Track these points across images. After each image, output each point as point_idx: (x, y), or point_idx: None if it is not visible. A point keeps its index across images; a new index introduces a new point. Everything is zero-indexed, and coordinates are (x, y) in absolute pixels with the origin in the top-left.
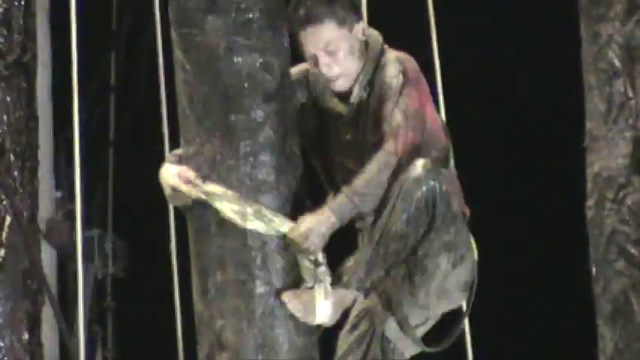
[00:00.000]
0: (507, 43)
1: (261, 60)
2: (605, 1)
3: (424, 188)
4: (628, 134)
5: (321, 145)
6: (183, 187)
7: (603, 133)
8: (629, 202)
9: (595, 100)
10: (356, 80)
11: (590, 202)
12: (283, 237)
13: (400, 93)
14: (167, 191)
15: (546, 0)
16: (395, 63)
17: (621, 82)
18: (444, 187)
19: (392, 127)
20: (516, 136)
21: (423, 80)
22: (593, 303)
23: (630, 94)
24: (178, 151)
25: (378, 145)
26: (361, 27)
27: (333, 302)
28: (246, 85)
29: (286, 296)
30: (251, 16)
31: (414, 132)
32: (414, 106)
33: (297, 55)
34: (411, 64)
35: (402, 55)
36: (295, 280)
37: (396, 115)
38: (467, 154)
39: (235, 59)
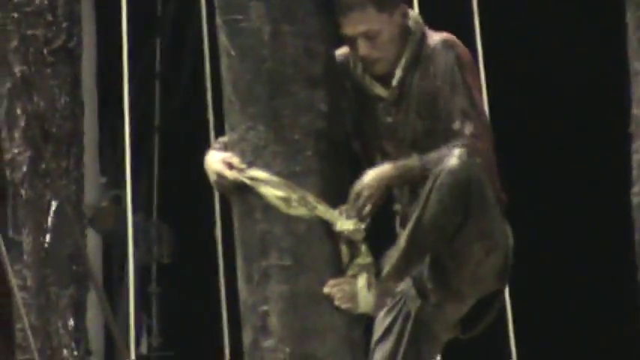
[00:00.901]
0: (553, 30)
1: (305, 46)
2: None
3: (459, 179)
4: None
5: (362, 129)
6: (228, 173)
7: None
8: None
9: None
10: (397, 63)
11: (636, 189)
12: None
13: (464, 84)
14: (212, 177)
15: None
16: (446, 48)
17: None
18: (479, 177)
19: (468, 125)
20: (562, 123)
21: (473, 62)
22: (638, 287)
23: None
24: (223, 139)
25: (431, 135)
26: (401, 11)
27: (376, 293)
28: (290, 71)
29: (329, 285)
30: (295, 2)
31: (485, 124)
32: (479, 97)
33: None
34: (462, 47)
35: (449, 37)
36: (339, 268)
37: (468, 112)
38: (513, 140)
39: (280, 45)
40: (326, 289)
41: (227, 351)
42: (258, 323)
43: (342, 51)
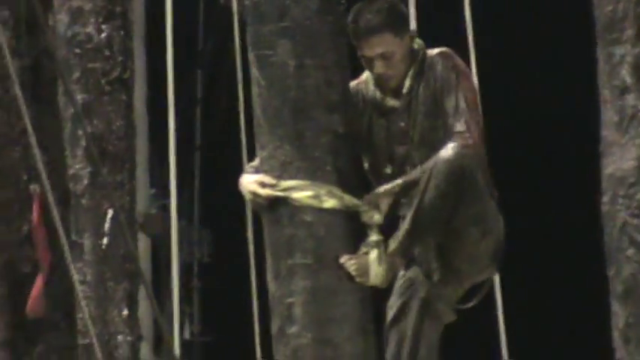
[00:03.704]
0: (535, 64)
1: (325, 76)
2: (618, 27)
3: (453, 167)
4: (638, 141)
5: (372, 142)
6: (262, 191)
7: (617, 140)
8: (638, 198)
9: (609, 112)
10: (405, 75)
11: (605, 199)
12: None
13: (459, 86)
14: (248, 197)
15: (567, 27)
16: (444, 58)
17: (632, 96)
18: (471, 166)
19: (461, 121)
20: (542, 143)
21: (469, 71)
22: (607, 284)
23: None
24: (254, 163)
25: (434, 130)
26: (410, 35)
27: (387, 267)
28: (312, 98)
29: (344, 259)
30: (317, 39)
31: (478, 121)
32: (474, 98)
33: (355, 69)
34: (457, 57)
35: (446, 49)
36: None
37: (461, 110)
38: (502, 155)
39: (303, 76)
40: (342, 260)
41: (257, 336)
42: (284, 313)
43: (355, 82)
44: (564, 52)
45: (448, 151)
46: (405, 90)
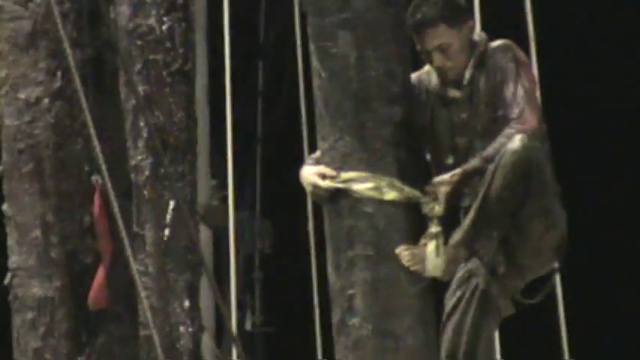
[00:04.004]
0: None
1: (385, 68)
2: None
3: (521, 158)
4: None
5: (434, 133)
6: (322, 183)
7: None
8: None
9: None
10: (466, 66)
11: None
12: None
13: (518, 76)
14: (308, 188)
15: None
16: (504, 50)
17: None
18: (539, 158)
19: (519, 109)
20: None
21: (529, 63)
22: None
23: None
24: (315, 155)
25: (495, 121)
26: (469, 26)
27: (446, 259)
28: (373, 89)
29: (400, 248)
30: (378, 31)
31: (537, 109)
32: (533, 88)
33: (416, 61)
34: (517, 49)
35: (507, 41)
36: None
37: (519, 98)
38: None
39: (364, 68)
40: (397, 251)
41: (318, 327)
42: (345, 304)
43: (417, 73)
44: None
45: (516, 142)
46: (465, 81)
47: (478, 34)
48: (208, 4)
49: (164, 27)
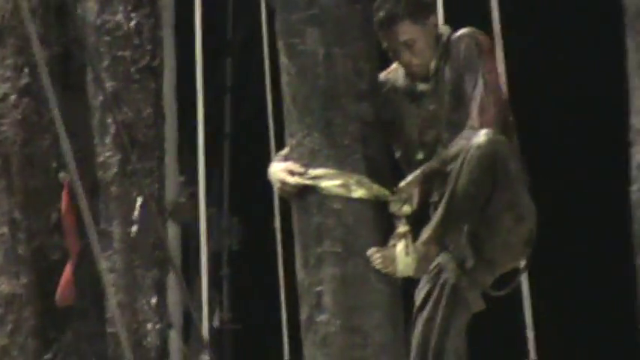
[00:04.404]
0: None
1: (354, 65)
2: None
3: (486, 152)
4: None
5: (403, 129)
6: (290, 179)
7: None
8: None
9: (639, 100)
10: (431, 59)
11: (634, 187)
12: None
13: (479, 65)
14: (276, 185)
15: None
16: (468, 36)
17: None
18: (504, 152)
19: (477, 104)
20: (572, 132)
21: (494, 53)
22: (635, 273)
23: None
24: (283, 152)
25: (458, 110)
26: (433, 22)
27: (416, 257)
28: (341, 86)
29: (371, 251)
30: (345, 27)
31: (495, 105)
32: (494, 81)
33: (385, 59)
34: (481, 35)
35: (470, 28)
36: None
37: (478, 91)
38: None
39: (332, 64)
40: (368, 253)
41: (285, 324)
42: (313, 301)
43: (385, 72)
44: (594, 41)
45: (480, 137)
46: (431, 72)
47: (442, 27)
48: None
49: (132, 23)
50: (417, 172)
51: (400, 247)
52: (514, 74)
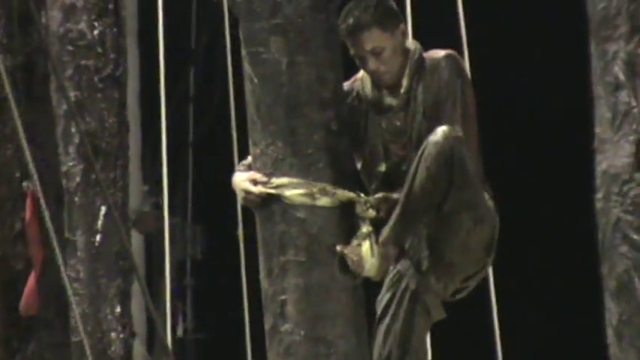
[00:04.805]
0: (528, 61)
1: (317, 74)
2: (611, 24)
3: (443, 149)
4: (631, 137)
5: (367, 139)
6: (254, 189)
7: (610, 136)
8: (631, 194)
9: (603, 109)
10: (402, 75)
11: (598, 195)
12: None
13: (462, 95)
14: (240, 195)
15: (560, 24)
16: (451, 62)
17: (625, 93)
18: (460, 149)
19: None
20: (536, 140)
21: (468, 76)
22: (600, 281)
23: (633, 103)
24: (246, 161)
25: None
26: (401, 30)
27: (379, 257)
28: (304, 95)
29: (340, 248)
30: (309, 36)
31: (472, 132)
32: (473, 110)
33: (349, 68)
34: (462, 62)
35: (452, 52)
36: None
37: (457, 118)
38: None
39: (295, 73)
40: (338, 249)
41: (248, 333)
42: (277, 310)
43: (350, 80)
44: (558, 49)
45: (437, 134)
46: (403, 89)
47: (411, 42)
48: (139, 9)
49: (95, 32)
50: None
51: (366, 246)
52: (478, 82)
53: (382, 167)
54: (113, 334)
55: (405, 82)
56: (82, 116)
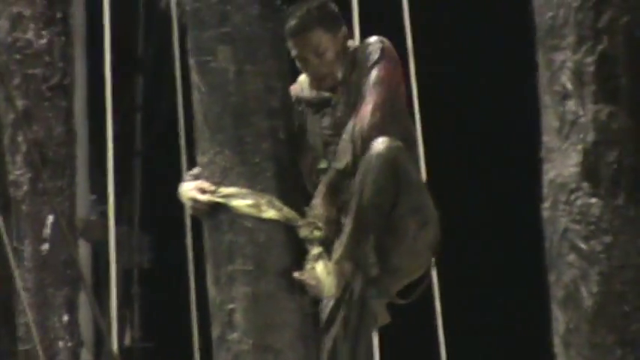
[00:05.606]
0: (476, 70)
1: (265, 83)
2: (559, 34)
3: (387, 160)
4: (579, 147)
5: (308, 140)
6: (202, 197)
7: (557, 145)
8: (579, 203)
9: (550, 118)
10: (339, 70)
11: (546, 204)
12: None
13: (375, 64)
14: (187, 204)
15: (508, 32)
16: (374, 42)
17: (573, 102)
18: (403, 158)
19: (366, 104)
20: (484, 149)
21: (399, 62)
22: (548, 290)
23: (581, 112)
24: (193, 172)
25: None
26: (343, 33)
27: (335, 275)
28: (252, 104)
29: (297, 275)
30: (257, 45)
31: (381, 102)
32: (386, 75)
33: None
34: (387, 43)
35: (378, 36)
36: (296, 266)
37: (369, 92)
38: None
39: (243, 82)
40: (295, 276)
41: (196, 342)
42: (225, 319)
43: (291, 87)
44: (505, 58)
45: (380, 145)
46: (339, 80)
47: (351, 41)
48: (87, 17)
49: (43, 41)
50: (319, 188)
51: (320, 268)
52: (426, 89)
53: (323, 164)
54: (61, 343)
55: (339, 74)
56: (30, 125)
